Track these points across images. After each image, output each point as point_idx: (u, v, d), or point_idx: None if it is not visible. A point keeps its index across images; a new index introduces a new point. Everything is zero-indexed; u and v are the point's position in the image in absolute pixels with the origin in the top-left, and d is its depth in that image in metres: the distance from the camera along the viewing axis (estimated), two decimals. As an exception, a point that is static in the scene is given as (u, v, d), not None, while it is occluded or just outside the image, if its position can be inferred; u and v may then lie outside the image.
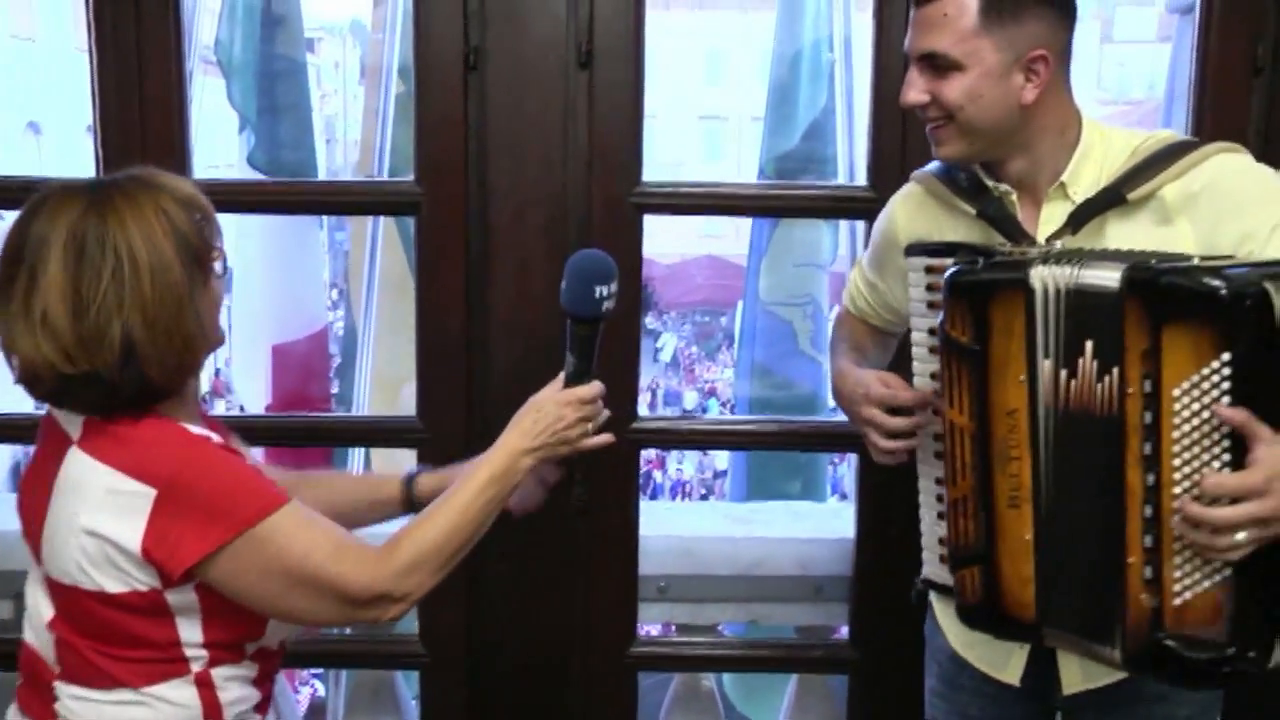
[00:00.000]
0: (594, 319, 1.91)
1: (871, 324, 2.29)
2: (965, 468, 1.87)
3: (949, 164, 2.03)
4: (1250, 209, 1.83)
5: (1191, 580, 1.67)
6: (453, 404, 2.73)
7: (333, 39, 28.04)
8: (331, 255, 15.74)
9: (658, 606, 2.98)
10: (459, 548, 1.81)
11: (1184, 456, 1.64)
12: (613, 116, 2.69)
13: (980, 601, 1.90)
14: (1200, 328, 1.61)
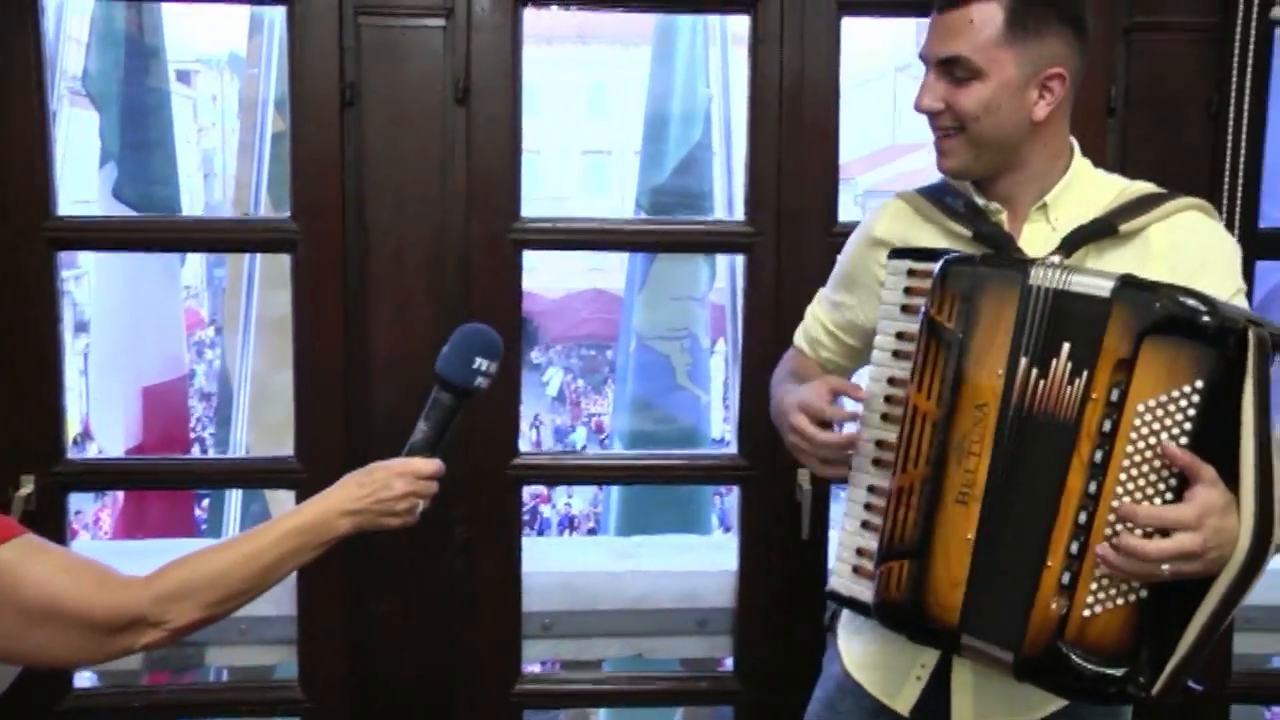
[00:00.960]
0: (464, 391, 1.88)
1: (821, 357, 2.24)
2: (919, 456, 1.83)
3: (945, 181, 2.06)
4: (1219, 271, 1.88)
5: (1106, 595, 1.67)
6: (331, 444, 2.71)
7: (210, 71, 27.68)
8: (211, 293, 15.52)
9: (542, 643, 2.97)
10: (240, 590, 1.72)
11: (1131, 474, 1.65)
12: (491, 152, 2.70)
13: (903, 598, 1.84)
14: (1180, 349, 1.62)
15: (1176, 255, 1.86)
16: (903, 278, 1.95)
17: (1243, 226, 2.68)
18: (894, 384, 1.93)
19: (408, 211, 2.68)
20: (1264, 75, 2.69)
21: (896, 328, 1.94)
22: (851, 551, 1.98)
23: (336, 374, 2.72)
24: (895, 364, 1.93)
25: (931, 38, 1.91)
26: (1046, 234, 1.93)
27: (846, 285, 2.18)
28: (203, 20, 19.69)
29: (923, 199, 2.06)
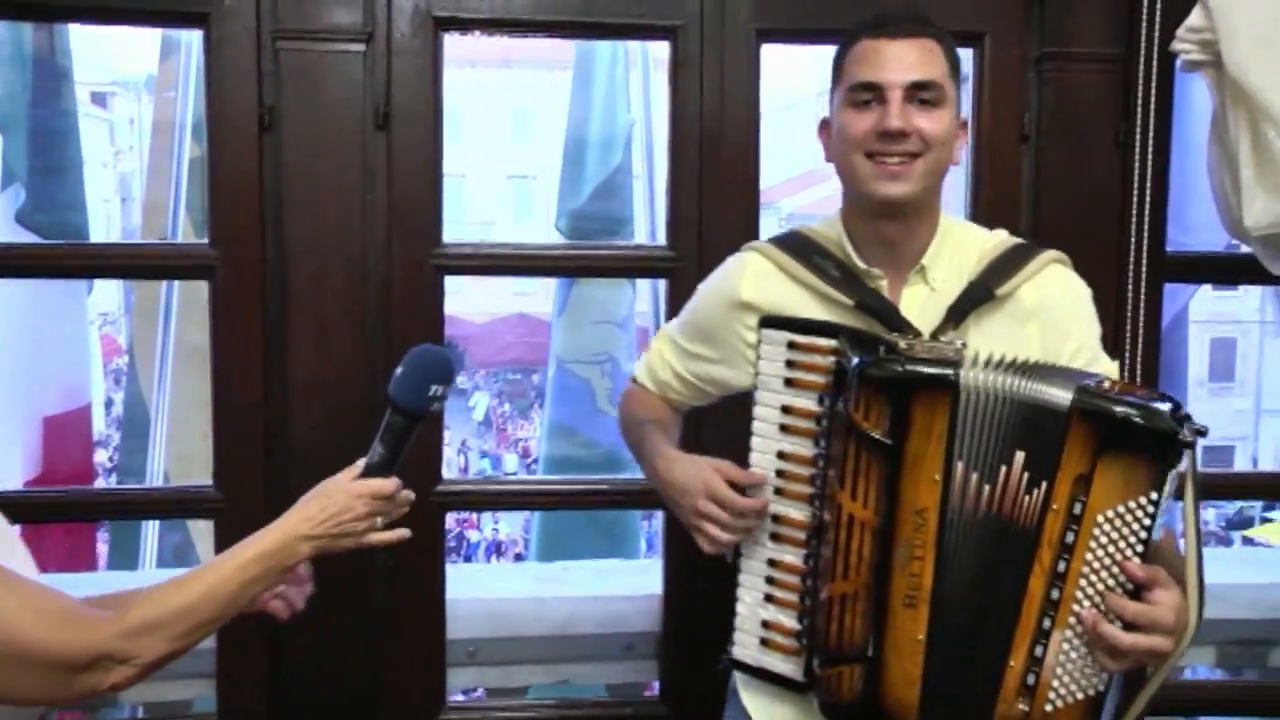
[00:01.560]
0: (417, 415, 1.86)
1: (670, 398, 2.25)
2: (861, 563, 1.83)
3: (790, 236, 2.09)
4: (1082, 324, 1.99)
5: (1066, 692, 1.74)
6: (251, 471, 2.70)
7: (127, 94, 27.35)
8: (127, 318, 15.29)
9: (467, 671, 2.97)
10: (206, 620, 1.70)
11: (1091, 579, 1.71)
12: (412, 178, 2.71)
13: (857, 699, 1.87)
14: (1136, 461, 1.68)
15: (1047, 311, 1.95)
16: (782, 349, 1.96)
17: (1150, 251, 2.75)
18: (785, 459, 1.95)
19: (327, 237, 2.68)
20: (1167, 105, 2.76)
21: (780, 401, 1.96)
22: (756, 624, 2.02)
23: (256, 401, 2.71)
24: (784, 438, 1.96)
25: (893, 63, 1.90)
26: (926, 296, 1.97)
27: (704, 339, 2.16)
28: (119, 42, 19.42)
29: (789, 259, 2.05)
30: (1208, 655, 3.18)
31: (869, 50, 1.93)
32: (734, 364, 2.09)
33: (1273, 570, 3.34)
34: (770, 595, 1.99)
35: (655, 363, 2.25)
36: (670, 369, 2.22)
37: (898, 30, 1.92)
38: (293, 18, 2.63)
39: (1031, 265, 1.96)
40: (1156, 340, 2.86)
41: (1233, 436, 23.60)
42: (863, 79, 1.92)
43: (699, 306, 2.19)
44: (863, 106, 1.92)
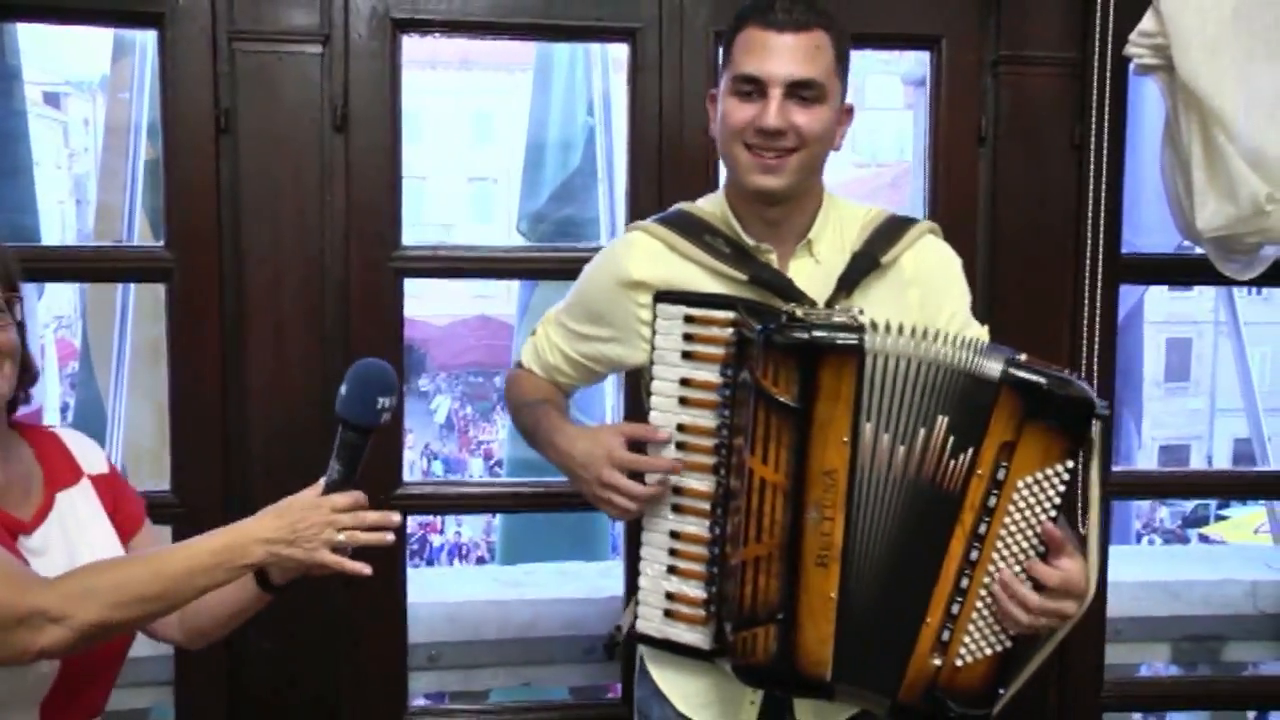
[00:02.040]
0: (369, 429, 1.87)
1: (558, 381, 2.26)
2: (774, 525, 1.86)
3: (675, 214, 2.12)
4: (954, 290, 2.10)
5: (976, 648, 1.81)
6: (208, 475, 2.69)
7: (81, 94, 27.12)
8: (81, 320, 15.13)
9: (429, 675, 2.97)
10: (144, 595, 1.68)
11: (1007, 541, 1.78)
12: (371, 180, 2.70)
13: (771, 660, 1.90)
14: (1054, 431, 1.75)
15: (925, 277, 2.05)
16: (679, 323, 1.99)
17: (1105, 252, 2.78)
18: (684, 430, 1.99)
19: (285, 240, 2.67)
20: (1121, 108, 2.79)
21: (678, 374, 1.99)
22: (660, 596, 2.04)
23: (213, 405, 2.70)
24: (683, 411, 1.99)
25: (776, 59, 1.92)
26: (811, 269, 2.03)
27: (593, 320, 2.17)
28: (72, 41, 19.27)
29: (678, 237, 2.07)
30: (1163, 651, 3.23)
31: (756, 40, 1.94)
32: (627, 342, 2.11)
33: (1226, 567, 3.37)
34: (674, 566, 2.03)
35: (543, 346, 2.25)
36: (559, 352, 2.23)
37: (786, 22, 1.93)
38: (249, 19, 2.62)
39: (910, 234, 2.05)
40: (1113, 341, 2.88)
41: (1188, 436, 23.80)
42: (746, 71, 1.94)
43: (587, 288, 2.20)
44: (745, 97, 1.95)
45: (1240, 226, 2.55)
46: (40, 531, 1.81)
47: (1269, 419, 5.00)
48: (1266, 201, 2.50)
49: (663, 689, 2.13)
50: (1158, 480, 4.63)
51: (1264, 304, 12.52)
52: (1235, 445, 22.27)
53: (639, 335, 2.07)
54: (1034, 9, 2.81)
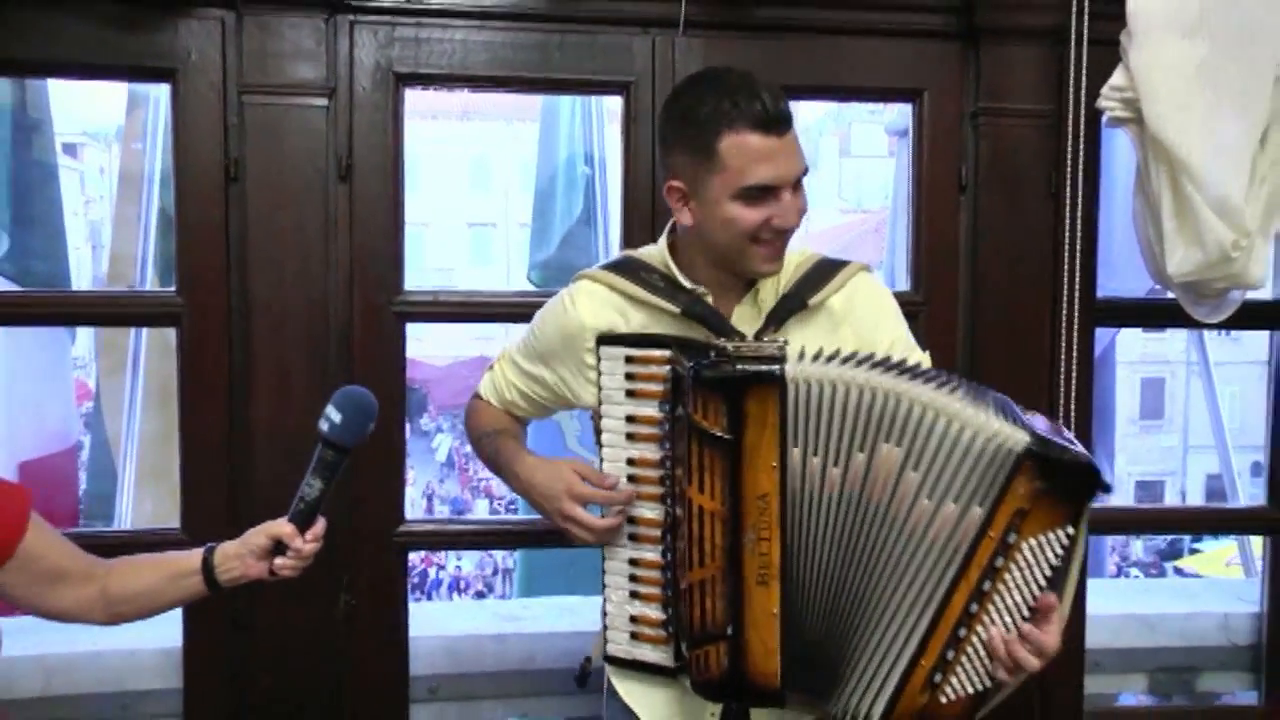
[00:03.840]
0: (349, 450, 1.94)
1: (514, 413, 2.31)
2: (715, 549, 1.88)
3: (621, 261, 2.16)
4: (887, 323, 2.09)
5: (960, 688, 1.82)
6: (215, 512, 2.67)
7: (97, 144, 27.18)
8: (96, 362, 15.11)
9: (429, 708, 2.94)
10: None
11: (1005, 599, 1.78)
12: (373, 227, 2.70)
13: (724, 674, 1.92)
14: (1065, 501, 1.75)
15: (855, 314, 2.06)
16: (620, 364, 2.02)
17: (1081, 295, 2.78)
18: (634, 464, 2.02)
19: (290, 285, 2.66)
20: (1095, 158, 2.80)
21: (624, 411, 2.02)
22: (625, 619, 2.09)
23: (220, 445, 2.69)
24: (631, 446, 2.02)
25: (785, 163, 1.93)
26: (753, 311, 2.05)
27: (544, 362, 2.21)
28: (89, 94, 19.44)
29: (617, 277, 2.10)
30: (1139, 682, 3.22)
31: (759, 149, 1.91)
32: (576, 384, 2.14)
33: (1200, 601, 3.36)
34: (635, 591, 2.06)
35: (500, 382, 2.30)
36: (515, 388, 2.27)
37: (784, 127, 1.92)
38: (257, 72, 2.63)
39: (838, 277, 2.06)
40: (1089, 380, 2.87)
41: (1162, 472, 23.78)
42: (760, 182, 1.91)
43: (539, 332, 2.22)
44: (755, 202, 1.93)
45: (1208, 272, 2.55)
46: None
47: (1238, 455, 5.00)
48: (1232, 248, 2.50)
49: (631, 705, 2.16)
50: (1133, 516, 4.64)
51: (1233, 345, 12.51)
52: (1208, 481, 22.29)
53: (586, 378, 2.10)
54: (1011, 64, 2.82)
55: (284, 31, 2.63)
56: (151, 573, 2.03)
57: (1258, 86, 2.52)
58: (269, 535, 1.98)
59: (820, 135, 29.79)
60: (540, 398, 2.24)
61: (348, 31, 2.67)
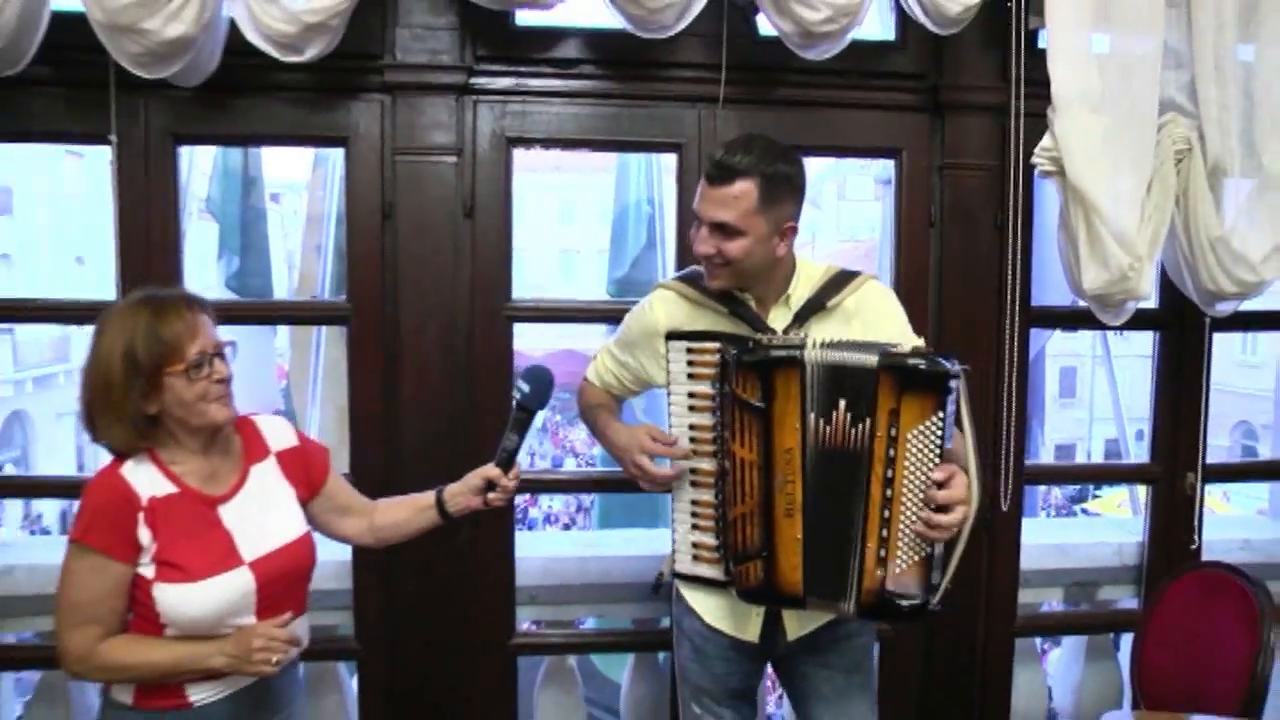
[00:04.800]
0: (536, 411, 1.99)
1: (613, 393, 2.31)
2: (752, 489, 1.92)
3: (688, 273, 2.14)
4: (889, 318, 2.07)
5: (906, 557, 1.83)
6: (374, 463, 2.67)
7: (292, 194, 27.52)
8: (291, 353, 15.31)
9: (530, 609, 2.93)
10: (133, 675, 1.73)
11: (910, 477, 1.80)
12: (490, 251, 2.68)
13: (760, 585, 1.96)
14: (925, 394, 1.77)
15: (864, 314, 2.04)
16: (683, 354, 2.03)
17: (1020, 305, 2.73)
18: (693, 429, 2.04)
19: (428, 296, 2.64)
20: (1030, 200, 2.76)
21: (686, 389, 2.04)
22: (688, 545, 2.11)
23: (377, 413, 2.68)
24: (691, 415, 2.05)
25: (704, 204, 1.95)
26: (786, 314, 2.04)
27: (630, 351, 2.21)
28: (286, 157, 19.90)
29: (688, 286, 2.11)
30: (1056, 594, 3.20)
31: (702, 189, 1.96)
32: (652, 368, 2.17)
33: (1100, 533, 3.34)
34: (695, 524, 2.09)
35: (600, 368, 2.31)
36: (611, 373, 2.29)
37: (717, 178, 1.93)
38: (406, 139, 2.61)
39: (851, 285, 2.06)
40: (1025, 370, 2.83)
41: (1074, 437, 23.51)
42: (695, 209, 1.97)
43: (628, 329, 2.24)
44: (699, 225, 1.98)
45: (1112, 287, 2.52)
46: (235, 500, 1.82)
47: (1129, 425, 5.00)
48: (1129, 269, 2.49)
49: (693, 607, 2.17)
50: (1053, 470, 4.65)
51: (1125, 342, 12.38)
52: (1106, 444, 22.04)
53: (659, 364, 2.11)
54: (968, 130, 2.77)
55: (425, 109, 2.61)
56: (402, 509, 2.09)
57: (1144, 149, 2.51)
58: (483, 476, 2.03)
59: (823, 183, 29.65)
60: (628, 379, 2.25)
61: (472, 108, 2.65)
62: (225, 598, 1.73)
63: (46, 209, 19.36)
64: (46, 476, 8.51)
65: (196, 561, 1.72)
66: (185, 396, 1.72)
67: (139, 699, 1.75)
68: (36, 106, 2.53)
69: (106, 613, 1.70)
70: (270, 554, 1.81)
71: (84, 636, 1.69)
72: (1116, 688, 3.17)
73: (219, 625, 1.74)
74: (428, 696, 2.77)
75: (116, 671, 1.72)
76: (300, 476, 1.95)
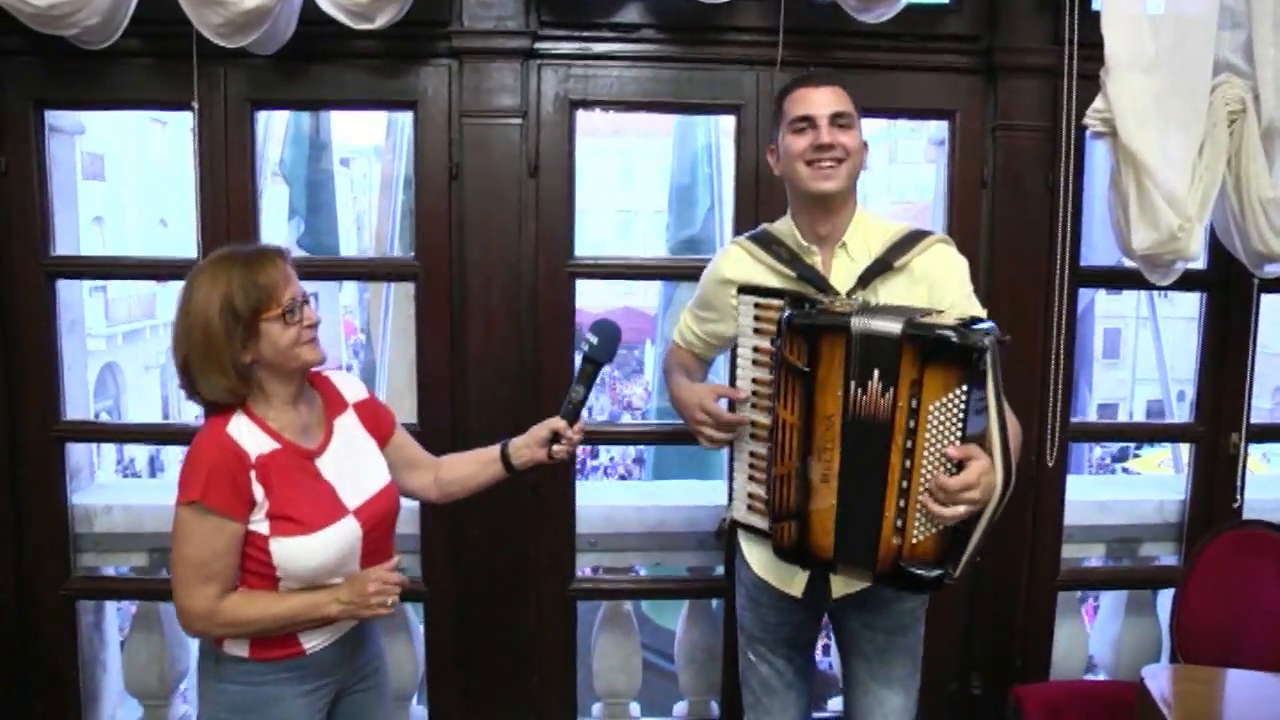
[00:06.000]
0: (603, 363, 1.98)
1: (695, 353, 2.27)
2: (792, 452, 1.86)
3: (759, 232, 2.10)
4: (955, 283, 1.98)
5: (923, 530, 1.75)
6: (441, 413, 2.69)
7: (361, 158, 27.68)
8: (361, 309, 15.49)
9: (589, 555, 2.94)
10: (254, 629, 1.73)
11: (929, 451, 1.71)
12: (553, 211, 2.67)
13: (794, 545, 1.91)
14: (950, 366, 1.67)
15: (931, 275, 1.96)
16: (751, 308, 2.00)
17: (1070, 265, 2.67)
18: (757, 382, 2.00)
19: (493, 253, 2.65)
20: (1081, 161, 2.71)
21: (752, 343, 2.01)
22: (744, 495, 2.08)
23: (444, 367, 2.69)
24: (755, 369, 2.01)
25: (819, 102, 1.96)
26: (848, 266, 1.98)
27: (705, 307, 2.18)
28: (358, 122, 19.97)
29: (755, 246, 2.07)
30: (1099, 550, 3.13)
31: (802, 96, 1.97)
32: (725, 321, 2.12)
33: (1142, 490, 3.27)
34: (751, 475, 2.06)
35: (683, 328, 2.28)
36: (691, 331, 2.25)
37: (820, 80, 1.98)
38: (473, 102, 2.61)
39: (921, 244, 1.98)
40: (1074, 328, 2.78)
41: (1117, 397, 23.10)
42: (800, 113, 1.96)
43: (703, 285, 2.20)
44: (800, 132, 1.96)
45: (1161, 248, 2.45)
46: (329, 451, 1.84)
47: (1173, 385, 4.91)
48: (1178, 230, 2.42)
49: (746, 556, 2.16)
50: (1097, 429, 4.61)
51: (1170, 304, 12.12)
52: (1149, 404, 21.66)
53: (730, 317, 2.08)
54: (1020, 92, 2.69)
55: (491, 73, 2.60)
56: (467, 464, 2.09)
57: (1197, 110, 2.43)
58: (549, 429, 2.01)
59: (875, 146, 29.23)
60: (706, 336, 2.22)
61: (536, 71, 2.63)
62: (339, 547, 1.75)
63: (134, 175, 19.79)
64: (137, 424, 8.74)
65: (309, 514, 1.74)
66: (281, 341, 1.72)
67: (255, 650, 1.76)
68: (126, 77, 2.58)
69: (224, 569, 1.70)
70: (368, 501, 1.83)
71: (205, 595, 1.69)
72: (1156, 642, 3.13)
73: (332, 574, 1.76)
74: (491, 637, 2.82)
75: (239, 626, 1.72)
76: (373, 427, 1.96)
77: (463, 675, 2.83)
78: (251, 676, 1.77)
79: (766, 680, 2.19)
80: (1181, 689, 2.21)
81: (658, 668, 4.43)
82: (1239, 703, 2.23)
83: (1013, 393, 2.64)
